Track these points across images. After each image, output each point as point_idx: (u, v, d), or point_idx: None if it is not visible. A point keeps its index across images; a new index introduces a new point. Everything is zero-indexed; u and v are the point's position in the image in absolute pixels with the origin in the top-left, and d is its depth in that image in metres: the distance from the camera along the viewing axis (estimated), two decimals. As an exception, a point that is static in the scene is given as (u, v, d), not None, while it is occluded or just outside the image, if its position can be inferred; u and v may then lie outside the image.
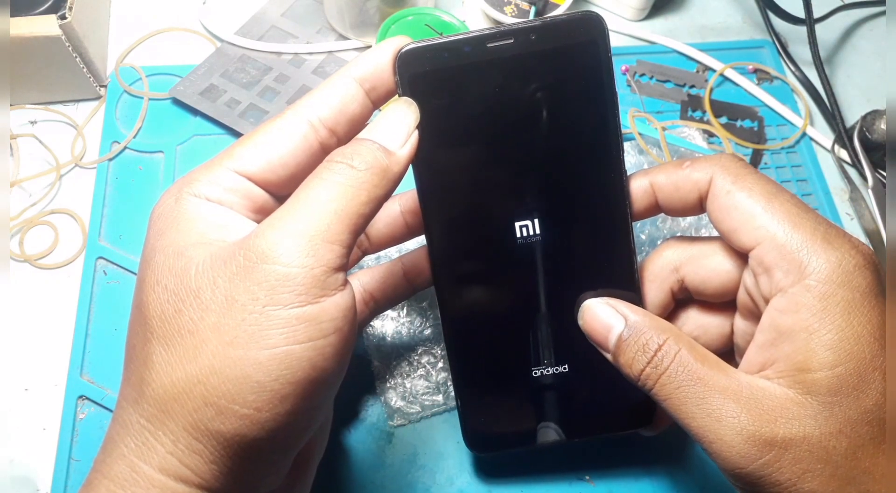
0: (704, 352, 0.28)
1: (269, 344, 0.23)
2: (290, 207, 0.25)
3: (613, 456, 0.40)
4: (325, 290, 0.24)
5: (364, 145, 0.27)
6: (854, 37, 0.58)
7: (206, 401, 0.23)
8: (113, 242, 0.45)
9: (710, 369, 0.27)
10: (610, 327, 0.30)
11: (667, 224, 0.46)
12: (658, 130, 0.47)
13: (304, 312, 0.24)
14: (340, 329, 0.25)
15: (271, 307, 0.23)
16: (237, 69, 0.50)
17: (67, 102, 0.49)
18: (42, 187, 0.46)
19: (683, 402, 0.27)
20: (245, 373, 0.23)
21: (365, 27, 0.51)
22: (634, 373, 0.28)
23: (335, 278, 0.25)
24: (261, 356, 0.23)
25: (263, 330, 0.23)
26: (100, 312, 0.42)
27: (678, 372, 0.27)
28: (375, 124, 0.28)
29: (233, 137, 0.48)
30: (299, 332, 0.24)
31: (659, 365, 0.27)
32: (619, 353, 0.29)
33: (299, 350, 0.24)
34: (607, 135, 0.30)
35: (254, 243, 0.24)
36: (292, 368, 0.24)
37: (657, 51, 0.55)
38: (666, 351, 0.28)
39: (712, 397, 0.26)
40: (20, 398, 0.40)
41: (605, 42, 0.29)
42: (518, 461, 0.39)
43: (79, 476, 0.38)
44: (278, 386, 0.23)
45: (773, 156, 0.51)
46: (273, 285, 0.23)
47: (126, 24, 0.53)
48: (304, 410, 0.25)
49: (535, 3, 0.49)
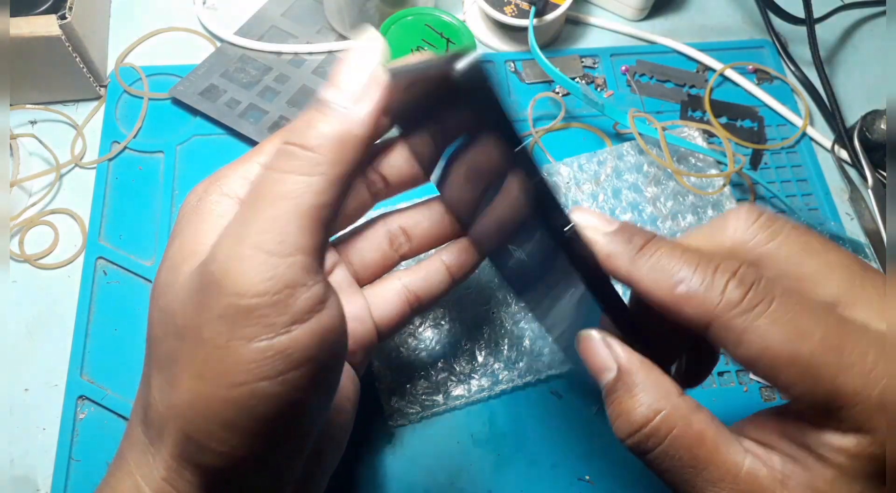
0: (702, 427, 0.24)
1: (235, 382, 0.21)
2: (243, 212, 0.23)
3: (613, 456, 0.40)
4: (293, 316, 0.22)
5: (317, 113, 0.23)
6: (854, 37, 0.58)
7: (186, 434, 0.22)
8: (113, 242, 0.45)
9: (707, 453, 0.23)
10: (602, 369, 0.26)
11: (666, 224, 0.46)
12: (658, 130, 0.47)
13: (271, 345, 0.21)
14: (315, 358, 0.22)
15: (236, 342, 0.21)
16: (237, 69, 0.50)
17: (67, 102, 0.49)
18: (42, 187, 0.46)
19: (672, 481, 0.24)
20: (214, 411, 0.22)
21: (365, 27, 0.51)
22: (618, 434, 0.25)
23: (307, 298, 0.22)
24: (229, 395, 0.22)
25: (229, 366, 0.21)
26: (100, 312, 0.42)
27: (668, 453, 0.23)
28: (332, 78, 0.24)
29: (233, 137, 0.48)
30: (266, 367, 0.21)
31: (645, 440, 0.24)
32: (608, 404, 0.25)
33: (268, 387, 0.22)
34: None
35: (210, 269, 0.22)
36: (263, 405, 0.22)
37: (657, 51, 0.55)
38: (657, 427, 0.24)
39: (705, 488, 0.23)
40: (20, 398, 0.40)
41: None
42: (518, 460, 0.39)
43: (79, 476, 0.38)
44: (250, 424, 0.22)
45: (773, 156, 0.51)
46: (234, 319, 0.21)
47: (126, 24, 0.52)
48: (285, 442, 0.23)
49: (535, 3, 0.49)
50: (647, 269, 0.24)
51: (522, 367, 0.41)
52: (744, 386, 0.42)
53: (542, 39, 0.53)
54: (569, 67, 0.53)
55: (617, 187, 0.47)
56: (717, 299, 0.22)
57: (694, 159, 0.49)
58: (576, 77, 0.53)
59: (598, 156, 0.48)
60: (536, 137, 0.50)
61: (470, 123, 0.24)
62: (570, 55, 0.54)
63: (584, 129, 0.51)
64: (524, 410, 0.41)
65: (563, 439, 0.40)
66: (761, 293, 0.22)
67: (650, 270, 0.24)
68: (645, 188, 0.48)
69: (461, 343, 0.41)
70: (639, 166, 0.48)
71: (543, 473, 0.39)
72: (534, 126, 0.50)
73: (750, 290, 0.22)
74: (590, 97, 0.48)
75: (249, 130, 0.47)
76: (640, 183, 0.48)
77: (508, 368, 0.41)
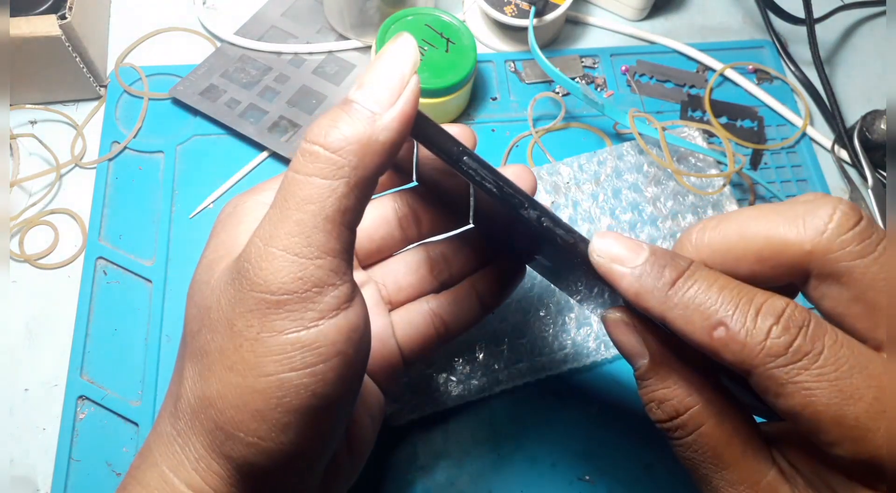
0: (732, 429, 0.23)
1: (265, 372, 0.22)
2: (272, 214, 0.23)
3: (613, 456, 0.40)
4: (321, 312, 0.22)
5: (342, 113, 0.23)
6: (854, 37, 0.58)
7: (216, 424, 0.23)
8: (113, 242, 0.45)
9: (732, 456, 0.23)
10: (635, 355, 0.25)
11: (666, 224, 0.46)
12: (658, 130, 0.47)
13: (299, 337, 0.22)
14: (342, 352, 0.23)
15: (266, 334, 0.22)
16: (237, 69, 0.50)
17: (67, 102, 0.49)
18: (42, 187, 0.46)
19: (692, 469, 0.24)
20: (245, 401, 0.22)
21: (365, 27, 0.51)
22: (650, 416, 0.25)
23: (334, 296, 0.23)
24: (258, 385, 0.22)
25: (259, 357, 0.22)
26: (100, 312, 0.42)
27: (693, 446, 0.23)
28: (361, 79, 0.23)
29: (233, 136, 0.48)
30: (295, 359, 0.22)
31: (674, 429, 0.24)
32: (640, 388, 0.25)
33: (296, 377, 0.22)
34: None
35: (243, 266, 0.23)
36: (291, 396, 0.22)
37: (657, 51, 0.55)
38: (685, 421, 0.23)
39: (722, 487, 0.23)
40: (20, 398, 0.40)
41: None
42: (518, 460, 0.39)
43: (79, 476, 0.38)
44: (278, 415, 0.22)
45: (773, 156, 0.51)
46: (265, 313, 0.22)
47: (126, 24, 0.52)
48: (312, 437, 0.24)
49: (535, 4, 0.49)
50: (681, 307, 0.22)
51: (522, 367, 0.41)
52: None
53: (542, 39, 0.53)
54: (569, 67, 0.53)
55: (617, 187, 0.47)
56: (759, 348, 0.20)
57: (694, 159, 0.49)
58: (576, 77, 0.53)
59: (598, 156, 0.48)
60: (536, 137, 0.50)
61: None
62: (570, 55, 0.54)
63: (584, 129, 0.51)
64: (524, 410, 0.41)
65: (563, 439, 0.40)
66: (809, 343, 0.20)
67: (685, 308, 0.22)
68: (645, 188, 0.48)
69: (461, 343, 0.41)
70: (639, 166, 0.48)
71: (543, 473, 0.39)
72: (534, 126, 0.50)
73: (797, 338, 0.20)
74: (590, 97, 0.48)
75: (249, 129, 0.47)
76: (640, 183, 0.48)
77: (508, 368, 0.41)
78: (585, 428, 0.41)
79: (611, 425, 0.41)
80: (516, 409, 0.41)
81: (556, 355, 0.42)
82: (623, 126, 0.50)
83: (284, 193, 0.23)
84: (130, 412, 0.40)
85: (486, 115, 0.51)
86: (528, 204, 0.24)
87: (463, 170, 0.24)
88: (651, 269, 0.22)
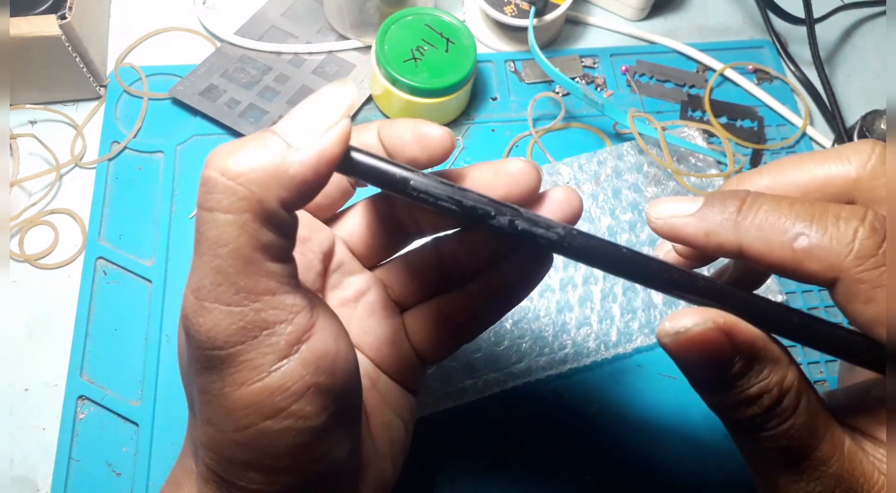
0: (817, 400, 0.22)
1: (240, 425, 0.21)
2: (195, 261, 0.21)
3: (613, 456, 0.40)
4: (280, 353, 0.21)
5: (252, 140, 0.20)
6: (854, 37, 0.58)
7: (217, 474, 0.22)
8: (113, 242, 0.45)
9: (825, 425, 0.21)
10: (721, 363, 0.21)
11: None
12: (658, 130, 0.47)
13: (265, 385, 0.20)
14: (316, 384, 0.21)
15: (229, 389, 0.21)
16: (237, 69, 0.50)
17: (67, 102, 0.49)
18: (42, 187, 0.46)
19: (776, 471, 0.22)
20: (233, 453, 0.21)
21: (365, 27, 0.51)
22: (744, 414, 0.22)
23: (287, 334, 0.21)
24: (239, 438, 0.21)
25: (231, 412, 0.21)
26: (100, 312, 0.42)
27: (792, 432, 0.21)
28: (291, 111, 0.22)
29: (233, 137, 0.48)
30: (266, 407, 0.20)
31: (773, 418, 0.21)
32: (731, 390, 0.22)
33: (274, 424, 0.21)
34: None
35: (186, 324, 0.21)
36: (275, 442, 0.21)
37: (657, 51, 0.55)
38: (789, 404, 0.21)
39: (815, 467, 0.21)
40: (20, 398, 0.40)
41: None
42: (519, 460, 0.39)
43: (78, 476, 0.38)
44: (270, 461, 0.21)
45: (773, 156, 0.51)
46: (221, 369, 0.21)
47: (126, 24, 0.52)
48: (315, 467, 0.23)
49: (535, 4, 0.49)
50: (755, 229, 0.21)
51: (522, 367, 0.41)
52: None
53: (542, 39, 0.53)
54: (569, 67, 0.53)
55: (617, 187, 0.47)
56: (847, 249, 0.19)
57: (694, 159, 0.49)
58: (576, 77, 0.53)
59: (598, 156, 0.48)
60: (536, 137, 0.50)
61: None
62: (570, 55, 0.54)
63: (584, 129, 0.51)
64: (525, 410, 0.41)
65: (563, 439, 0.40)
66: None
67: (759, 229, 0.21)
68: (645, 188, 0.48)
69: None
70: (639, 166, 0.48)
71: (543, 473, 0.39)
72: (534, 126, 0.50)
73: (884, 239, 0.19)
74: (590, 97, 0.48)
75: (249, 130, 0.47)
76: (640, 183, 0.48)
77: (509, 367, 0.41)
78: (585, 428, 0.41)
79: (611, 425, 0.41)
80: (517, 409, 0.41)
81: (556, 355, 0.42)
82: (623, 126, 0.50)
83: (197, 234, 0.20)
84: (130, 412, 0.40)
85: (485, 115, 0.51)
86: (494, 211, 0.22)
87: (413, 196, 0.22)
88: (713, 206, 0.22)
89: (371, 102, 0.50)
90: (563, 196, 0.27)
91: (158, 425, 0.40)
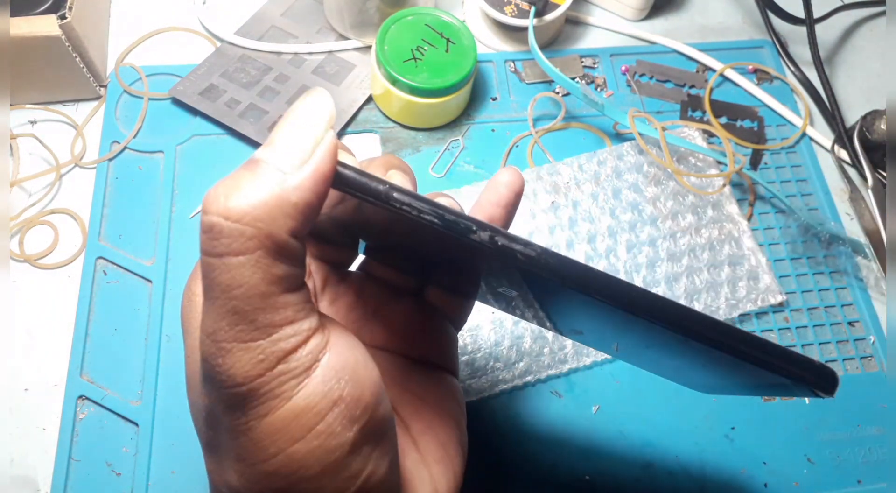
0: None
1: (269, 453, 0.21)
2: (206, 306, 0.20)
3: (613, 456, 0.40)
4: (300, 377, 0.21)
5: (246, 173, 0.19)
6: (854, 37, 0.58)
7: None
8: (113, 242, 0.45)
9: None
10: None
11: (666, 224, 0.46)
12: (658, 130, 0.47)
13: (290, 409, 0.20)
14: (339, 399, 0.21)
15: (255, 421, 0.20)
16: (237, 69, 0.50)
17: (67, 102, 0.49)
18: (42, 187, 0.46)
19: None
20: (265, 485, 0.21)
21: (365, 27, 0.51)
22: None
23: (305, 358, 0.21)
24: (268, 467, 0.21)
25: (258, 442, 0.20)
26: (100, 312, 0.42)
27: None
28: (271, 136, 0.20)
29: (233, 136, 0.48)
30: (293, 431, 0.20)
31: None
32: None
33: (303, 446, 0.20)
34: None
35: (205, 368, 0.21)
36: (306, 465, 0.21)
37: (657, 51, 0.55)
38: None
39: None
40: (20, 398, 0.40)
41: None
42: (519, 460, 0.39)
43: (78, 476, 0.38)
44: (303, 485, 0.21)
45: (773, 156, 0.51)
46: (244, 404, 0.20)
47: (126, 24, 0.53)
48: (355, 476, 0.22)
49: (535, 4, 0.49)
50: None
51: (522, 367, 0.41)
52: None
53: (542, 39, 0.53)
54: (569, 67, 0.53)
55: (617, 187, 0.47)
56: None
57: (694, 159, 0.49)
58: (576, 77, 0.53)
59: (598, 156, 0.48)
60: (536, 137, 0.50)
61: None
62: (570, 55, 0.54)
63: (584, 129, 0.51)
64: (524, 410, 0.41)
65: (563, 439, 0.40)
66: None
67: None
68: (645, 188, 0.48)
69: (461, 344, 0.41)
70: (639, 166, 0.48)
71: (543, 473, 0.39)
72: (534, 126, 0.50)
73: None
74: (590, 97, 0.48)
75: (249, 129, 0.47)
76: (640, 183, 0.48)
77: (509, 368, 0.41)
78: (585, 428, 0.41)
79: (611, 425, 0.41)
80: (516, 409, 0.41)
81: (556, 356, 0.42)
82: (623, 126, 0.50)
83: (207, 281, 0.20)
84: (130, 412, 0.40)
85: (485, 115, 0.51)
86: (476, 226, 0.22)
87: (396, 208, 0.22)
88: None
89: (371, 101, 0.50)
90: (506, 177, 0.30)
91: (158, 425, 0.40)
